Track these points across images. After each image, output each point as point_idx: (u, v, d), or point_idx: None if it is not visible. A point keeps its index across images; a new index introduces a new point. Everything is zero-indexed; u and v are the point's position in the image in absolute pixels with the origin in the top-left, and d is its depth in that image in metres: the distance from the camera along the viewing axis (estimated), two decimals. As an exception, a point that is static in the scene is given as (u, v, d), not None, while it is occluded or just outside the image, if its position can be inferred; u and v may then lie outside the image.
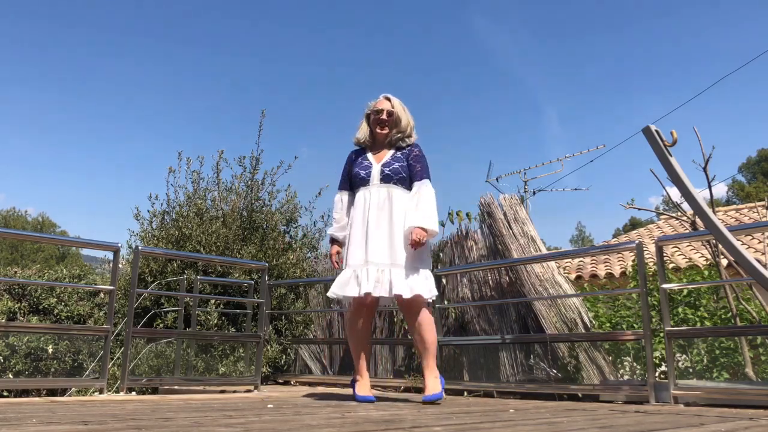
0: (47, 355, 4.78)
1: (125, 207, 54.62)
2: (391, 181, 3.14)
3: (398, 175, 3.16)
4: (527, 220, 4.38)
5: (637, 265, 3.46)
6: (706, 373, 3.88)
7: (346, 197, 3.31)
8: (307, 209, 6.48)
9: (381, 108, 3.25)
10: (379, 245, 3.04)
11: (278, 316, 5.53)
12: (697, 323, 3.96)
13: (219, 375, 4.92)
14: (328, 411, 2.41)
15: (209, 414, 2.17)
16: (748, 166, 35.32)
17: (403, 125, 3.24)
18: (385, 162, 3.19)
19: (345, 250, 3.19)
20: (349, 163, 3.33)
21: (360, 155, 3.30)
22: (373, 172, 3.18)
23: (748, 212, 12.47)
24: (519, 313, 4.12)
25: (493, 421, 2.10)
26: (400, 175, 3.16)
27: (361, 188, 3.20)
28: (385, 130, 3.24)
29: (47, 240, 10.51)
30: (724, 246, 2.37)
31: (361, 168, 3.23)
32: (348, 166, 3.33)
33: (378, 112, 3.25)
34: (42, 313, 5.46)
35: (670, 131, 2.26)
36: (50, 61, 52.30)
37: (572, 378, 3.79)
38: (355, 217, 3.16)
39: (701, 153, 3.71)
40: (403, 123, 3.24)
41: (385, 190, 3.14)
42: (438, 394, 2.97)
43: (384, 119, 3.23)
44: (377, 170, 3.18)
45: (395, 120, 3.24)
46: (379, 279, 2.99)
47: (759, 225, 3.75)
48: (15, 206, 37.94)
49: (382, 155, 3.24)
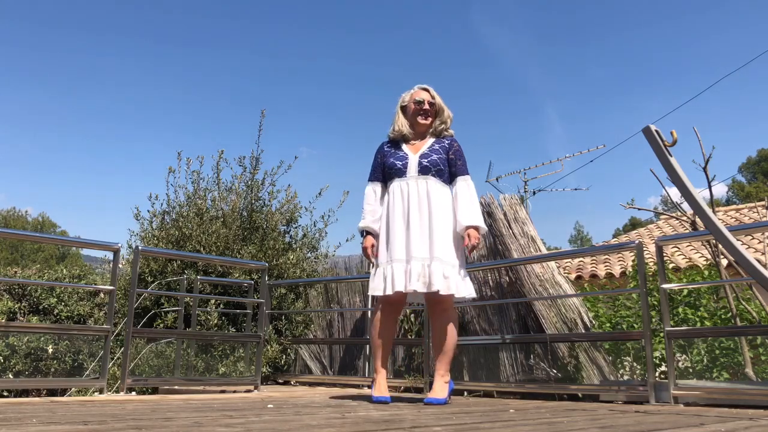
0: (47, 355, 4.78)
1: (125, 207, 54.62)
2: (429, 173, 3.06)
3: (436, 167, 3.08)
4: (527, 220, 4.38)
5: (637, 265, 3.46)
6: (706, 373, 3.88)
7: (380, 188, 3.20)
8: (307, 209, 6.48)
9: (422, 98, 3.18)
10: (422, 240, 2.96)
11: (278, 316, 5.54)
12: (697, 323, 3.96)
13: (219, 375, 4.92)
14: (328, 411, 2.41)
15: (209, 414, 2.17)
16: (748, 166, 35.31)
17: (445, 115, 3.20)
18: (423, 153, 3.11)
19: (381, 243, 3.07)
20: (382, 154, 3.23)
21: (394, 146, 3.21)
22: (411, 164, 3.10)
23: (748, 212, 12.48)
24: (519, 313, 4.12)
25: (493, 421, 2.10)
26: (438, 167, 3.08)
27: (396, 179, 3.11)
28: (428, 120, 3.18)
29: (47, 240, 10.48)
30: (724, 246, 2.37)
31: (397, 159, 3.14)
32: (380, 157, 3.23)
33: (419, 103, 3.17)
34: (42, 313, 5.47)
35: (670, 131, 2.26)
36: (50, 60, 52.33)
37: (572, 378, 3.79)
38: (393, 210, 3.05)
39: (701, 153, 3.71)
40: (445, 113, 3.20)
41: (424, 182, 3.05)
42: (441, 399, 2.91)
43: (427, 109, 3.17)
44: (415, 161, 3.09)
45: (437, 110, 3.19)
46: (422, 274, 2.91)
47: (759, 225, 3.75)
48: (15, 206, 37.97)
49: (419, 146, 3.16)
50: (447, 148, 3.15)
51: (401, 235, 2.99)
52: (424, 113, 3.16)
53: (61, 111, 54.90)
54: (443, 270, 2.90)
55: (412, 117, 3.19)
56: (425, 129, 3.19)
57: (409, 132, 3.19)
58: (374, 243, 3.11)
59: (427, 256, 2.93)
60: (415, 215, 2.99)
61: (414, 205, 3.01)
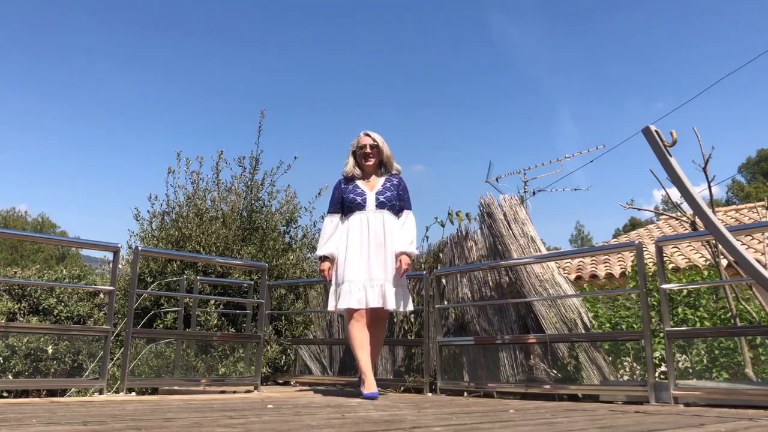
0: (47, 356, 4.78)
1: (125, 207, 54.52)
2: (385, 207, 3.68)
3: (391, 202, 3.71)
4: (527, 220, 4.37)
5: (637, 266, 3.46)
6: (705, 374, 3.88)
7: (337, 219, 3.77)
8: (306, 210, 6.49)
9: (364, 143, 3.77)
10: (379, 264, 3.57)
11: (278, 316, 5.53)
12: (696, 323, 3.96)
13: (219, 375, 4.92)
14: (327, 411, 2.40)
15: (209, 414, 2.17)
16: (747, 166, 35.31)
17: (385, 155, 3.79)
18: (379, 190, 3.72)
19: (339, 266, 3.63)
20: (340, 190, 3.79)
21: (350, 183, 3.78)
22: (369, 199, 3.69)
23: (748, 212, 12.48)
24: (519, 314, 4.12)
25: (493, 422, 2.10)
26: (393, 202, 3.72)
27: (356, 212, 3.68)
28: (371, 161, 3.76)
29: (47, 240, 10.47)
30: (723, 246, 2.37)
31: (356, 194, 3.71)
32: (337, 193, 3.80)
33: (362, 147, 3.76)
34: (42, 313, 5.47)
35: (670, 131, 2.26)
36: (50, 61, 52.31)
37: (572, 378, 3.78)
38: (352, 238, 3.62)
39: (701, 153, 3.71)
40: (385, 153, 3.79)
41: (380, 215, 3.66)
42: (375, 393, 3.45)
43: (368, 152, 3.75)
44: (372, 197, 3.70)
45: (379, 151, 3.78)
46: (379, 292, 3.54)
47: (759, 225, 3.74)
48: (15, 206, 37.94)
49: (373, 184, 3.77)
50: (397, 185, 3.79)
51: (361, 258, 3.58)
52: (366, 156, 3.76)
53: (61, 111, 54.90)
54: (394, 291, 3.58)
55: (360, 159, 3.79)
56: (372, 169, 3.80)
57: (357, 174, 3.80)
58: (330, 266, 3.70)
59: (383, 278, 3.56)
60: (373, 243, 3.60)
61: (373, 234, 3.62)
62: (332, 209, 3.81)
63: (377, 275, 3.55)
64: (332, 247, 3.71)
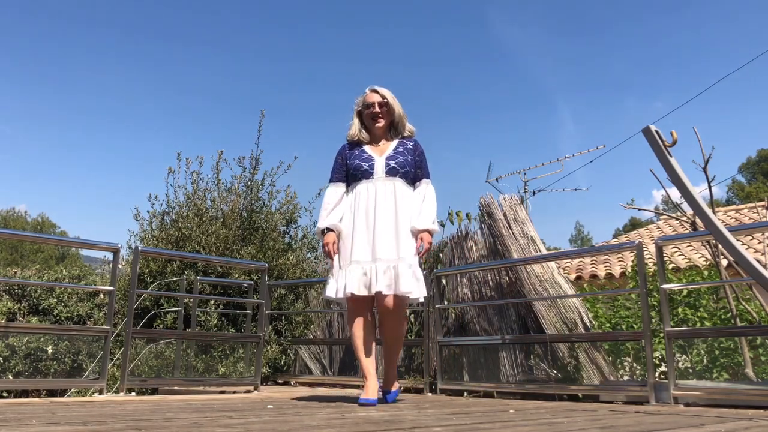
0: (47, 356, 4.78)
1: (125, 207, 54.50)
2: (396, 174, 3.07)
3: (403, 168, 3.09)
4: (527, 220, 4.37)
5: (637, 266, 3.46)
6: (706, 374, 3.88)
7: (342, 189, 3.17)
8: (306, 210, 6.48)
9: (371, 101, 3.16)
10: (387, 242, 2.96)
11: (278, 316, 5.53)
12: (696, 324, 3.96)
13: (219, 375, 4.92)
14: (327, 411, 2.40)
15: (209, 414, 2.17)
16: (748, 166, 35.31)
17: (397, 113, 3.17)
18: (390, 155, 3.11)
19: (343, 243, 3.05)
20: (343, 156, 3.20)
21: (356, 147, 3.20)
22: (377, 165, 3.09)
23: (748, 212, 12.47)
24: (519, 314, 4.12)
25: (493, 422, 2.10)
26: (405, 168, 3.09)
27: (363, 181, 3.09)
28: (381, 122, 3.16)
29: (47, 240, 10.46)
30: (723, 246, 2.37)
31: (362, 160, 3.12)
32: (340, 159, 3.21)
33: (369, 106, 3.16)
34: (42, 313, 5.46)
35: (670, 131, 2.26)
36: (50, 60, 52.31)
37: (572, 378, 3.78)
38: (358, 211, 3.04)
39: (701, 153, 3.71)
40: (396, 111, 3.17)
41: (391, 183, 3.05)
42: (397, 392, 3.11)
43: (377, 112, 3.14)
44: (381, 163, 3.09)
45: (389, 110, 3.16)
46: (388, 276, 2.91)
47: (759, 225, 3.74)
48: (15, 206, 37.94)
49: (383, 148, 3.16)
50: (412, 150, 3.16)
51: (367, 235, 2.99)
52: (375, 116, 3.15)
53: (61, 111, 54.90)
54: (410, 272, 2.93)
55: (367, 120, 3.19)
56: (381, 131, 3.18)
57: (364, 137, 3.20)
58: (335, 240, 3.08)
59: (393, 257, 2.94)
60: (381, 216, 2.99)
61: (381, 206, 3.01)
62: (335, 177, 3.19)
63: (385, 254, 2.93)
64: (335, 217, 3.11)
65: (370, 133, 3.20)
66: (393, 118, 3.18)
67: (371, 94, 3.18)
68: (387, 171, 3.07)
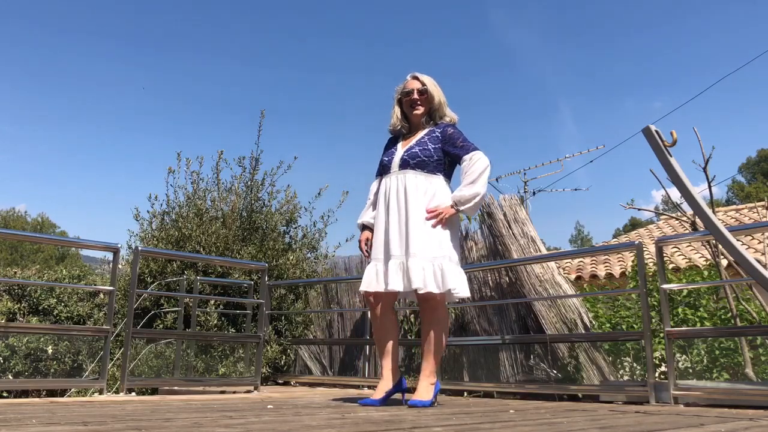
0: (47, 356, 4.78)
1: (125, 207, 54.52)
2: (407, 167, 2.94)
3: (415, 159, 2.94)
4: (527, 220, 4.37)
5: (637, 266, 3.46)
6: (706, 374, 3.88)
7: (376, 184, 3.12)
8: (306, 210, 6.48)
9: (411, 88, 3.04)
10: (395, 237, 2.86)
11: (278, 316, 5.53)
12: (697, 324, 3.96)
13: (219, 376, 4.92)
14: (328, 411, 2.40)
15: (209, 415, 2.17)
16: (748, 166, 35.33)
17: (437, 101, 3.04)
18: (409, 146, 3.00)
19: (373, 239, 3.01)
20: (383, 150, 3.17)
21: (393, 142, 3.14)
22: (395, 159, 3.00)
23: (748, 212, 12.47)
24: (519, 314, 4.12)
25: (493, 422, 2.10)
26: (419, 158, 2.93)
27: (385, 176, 3.03)
28: (419, 110, 3.04)
29: (47, 240, 10.43)
30: (724, 246, 2.37)
31: (386, 155, 3.08)
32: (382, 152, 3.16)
33: (408, 93, 3.04)
34: (42, 313, 5.46)
35: (670, 131, 2.26)
36: (50, 60, 52.30)
37: (572, 378, 3.78)
38: (379, 207, 3.00)
39: (701, 153, 3.71)
40: (436, 99, 3.04)
41: (402, 176, 2.94)
42: (426, 402, 2.77)
43: (416, 98, 3.03)
44: (398, 156, 3.00)
45: (429, 97, 3.03)
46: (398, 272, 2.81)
47: (759, 225, 3.74)
48: (15, 206, 37.94)
49: (411, 139, 3.05)
50: (438, 137, 2.99)
51: (381, 234, 2.94)
52: (414, 104, 3.04)
53: (62, 111, 54.89)
54: (420, 266, 2.77)
55: (407, 108, 3.08)
56: (418, 119, 3.06)
57: (403, 126, 3.10)
58: (369, 237, 3.06)
59: (401, 254, 2.83)
60: (393, 212, 2.91)
61: (392, 201, 2.93)
62: (376, 172, 3.16)
63: (395, 251, 2.84)
64: (368, 215, 3.10)
65: (410, 122, 3.11)
66: (432, 105, 3.05)
67: (411, 81, 3.08)
68: (400, 164, 2.97)
